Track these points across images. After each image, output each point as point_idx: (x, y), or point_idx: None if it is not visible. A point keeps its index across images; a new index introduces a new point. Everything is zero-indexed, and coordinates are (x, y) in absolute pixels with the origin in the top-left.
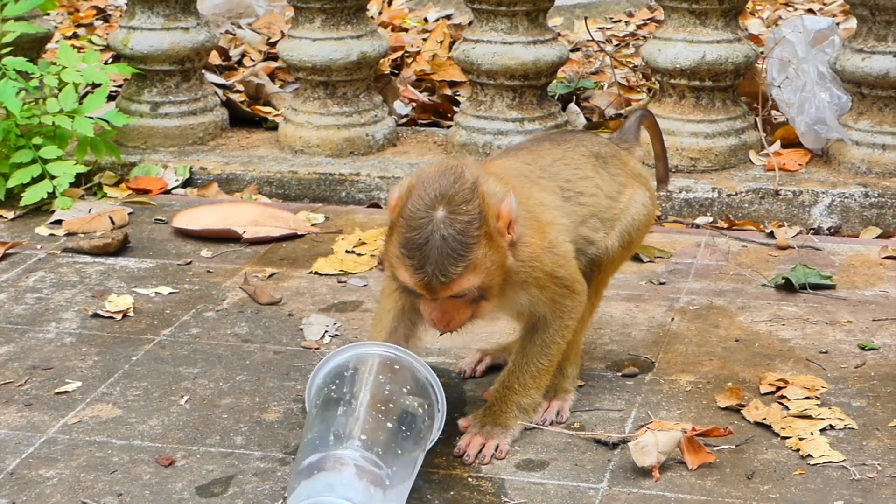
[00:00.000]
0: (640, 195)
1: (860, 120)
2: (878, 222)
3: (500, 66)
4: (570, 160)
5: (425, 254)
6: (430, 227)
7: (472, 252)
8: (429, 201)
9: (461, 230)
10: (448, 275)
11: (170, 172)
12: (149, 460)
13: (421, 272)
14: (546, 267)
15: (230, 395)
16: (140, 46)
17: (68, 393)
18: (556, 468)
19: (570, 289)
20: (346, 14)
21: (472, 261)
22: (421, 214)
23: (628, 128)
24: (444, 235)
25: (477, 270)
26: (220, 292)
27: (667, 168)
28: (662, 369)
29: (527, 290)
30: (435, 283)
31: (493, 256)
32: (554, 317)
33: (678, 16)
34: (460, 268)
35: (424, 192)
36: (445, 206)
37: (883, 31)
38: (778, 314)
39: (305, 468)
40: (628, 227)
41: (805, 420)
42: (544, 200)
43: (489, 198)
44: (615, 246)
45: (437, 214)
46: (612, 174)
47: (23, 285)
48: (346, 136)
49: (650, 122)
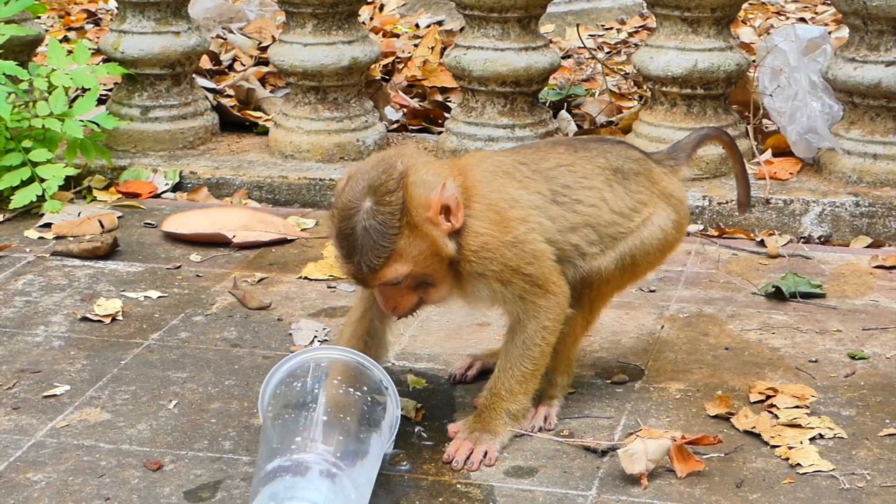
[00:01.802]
0: (660, 217)
1: (851, 129)
2: (868, 231)
3: (492, 72)
4: (579, 168)
5: (352, 244)
6: (355, 217)
7: (393, 243)
8: (357, 193)
9: (382, 221)
10: (371, 265)
11: (160, 176)
12: (137, 464)
13: (349, 262)
14: (509, 262)
15: (219, 399)
16: (131, 50)
17: (56, 396)
18: (545, 475)
19: (544, 288)
20: (338, 19)
21: (395, 251)
22: (350, 205)
23: (684, 143)
24: (366, 226)
25: (402, 259)
26: (209, 297)
27: (748, 191)
28: (652, 377)
29: (487, 283)
30: (362, 272)
31: (420, 245)
32: (528, 316)
33: (670, 24)
34: (382, 258)
35: (355, 184)
36: (371, 196)
37: (875, 40)
38: (768, 323)
39: (268, 474)
40: (632, 249)
41: (794, 429)
42: (519, 198)
43: (416, 188)
44: (609, 267)
45: (364, 205)
46: (629, 191)
47: (11, 288)
48: (337, 141)
49: (725, 141)
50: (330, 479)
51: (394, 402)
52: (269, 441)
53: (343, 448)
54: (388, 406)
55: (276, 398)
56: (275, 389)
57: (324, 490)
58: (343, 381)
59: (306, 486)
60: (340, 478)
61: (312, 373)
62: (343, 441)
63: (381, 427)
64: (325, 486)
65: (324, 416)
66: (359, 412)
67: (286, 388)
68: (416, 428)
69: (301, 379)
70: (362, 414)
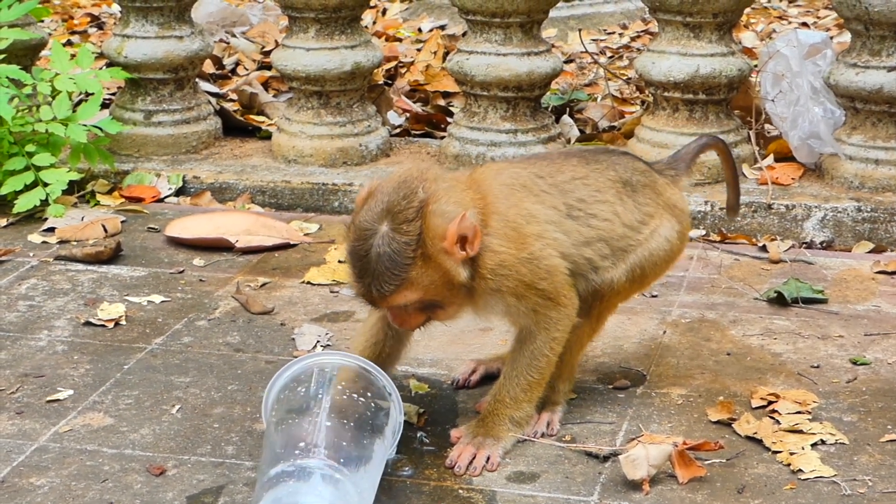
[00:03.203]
0: (666, 229)
1: (853, 134)
2: (870, 237)
3: (494, 77)
4: (593, 181)
5: (364, 266)
6: (371, 240)
7: (405, 272)
8: (376, 214)
9: (397, 250)
10: (381, 290)
11: (163, 181)
12: (140, 469)
13: (359, 282)
14: (524, 277)
15: (222, 404)
16: (134, 55)
17: (60, 401)
18: (547, 480)
19: (555, 301)
20: (341, 24)
21: (407, 280)
22: (367, 226)
23: (684, 153)
24: (380, 253)
25: (413, 288)
26: (212, 301)
27: (737, 196)
28: (654, 382)
29: (502, 297)
30: (371, 294)
31: (433, 276)
32: (539, 328)
33: (672, 28)
34: (393, 286)
35: (375, 203)
36: (389, 222)
37: (877, 45)
38: (770, 328)
39: (271, 479)
40: (641, 261)
41: (796, 434)
42: (536, 213)
43: (435, 217)
44: (621, 279)
45: (381, 229)
46: (638, 203)
47: (15, 293)
48: (340, 146)
49: (720, 148)
50: (333, 485)
51: (397, 407)
52: (273, 446)
53: (346, 453)
54: (392, 412)
55: (280, 403)
56: (278, 394)
57: (326, 495)
58: (347, 387)
59: (309, 492)
60: (343, 483)
61: (316, 378)
62: (346, 446)
63: (384, 433)
64: (327, 492)
65: (327, 422)
66: (362, 418)
67: (290, 393)
68: (419, 433)
69: (305, 384)
70: (365, 419)
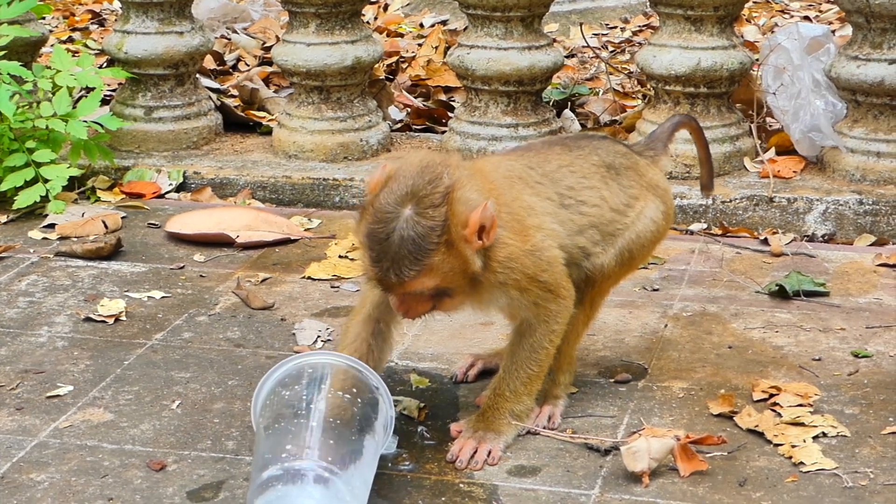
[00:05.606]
0: (651, 210)
1: (855, 127)
2: (872, 230)
3: (495, 71)
4: (578, 168)
5: (384, 249)
6: (393, 223)
7: (428, 257)
8: (399, 197)
9: (422, 234)
10: (401, 275)
11: (163, 177)
12: (140, 465)
13: (377, 266)
14: (527, 270)
15: (222, 399)
16: (134, 51)
17: (60, 397)
18: (548, 474)
19: (555, 293)
20: (341, 19)
21: (428, 265)
22: (389, 209)
23: (659, 134)
24: (404, 236)
25: (432, 274)
26: (212, 297)
27: (711, 175)
28: (655, 376)
29: (506, 290)
30: (389, 279)
31: (453, 263)
32: (539, 321)
33: (673, 22)
34: (414, 271)
35: (398, 186)
36: (414, 205)
37: (878, 38)
38: (771, 321)
39: (263, 482)
40: (629, 244)
41: (798, 427)
42: (534, 205)
43: (459, 205)
44: (611, 264)
45: (404, 213)
46: (622, 186)
47: (15, 289)
48: (341, 141)
49: (692, 127)
50: (323, 485)
51: (386, 401)
52: (262, 450)
53: (335, 452)
54: (381, 406)
55: (266, 408)
56: (266, 398)
57: (317, 496)
58: (333, 386)
59: (299, 494)
60: (334, 482)
61: (303, 379)
62: (335, 445)
63: (374, 428)
64: (318, 492)
65: (313, 422)
66: (350, 415)
67: (276, 397)
68: (419, 427)
69: (291, 386)
70: (353, 416)
